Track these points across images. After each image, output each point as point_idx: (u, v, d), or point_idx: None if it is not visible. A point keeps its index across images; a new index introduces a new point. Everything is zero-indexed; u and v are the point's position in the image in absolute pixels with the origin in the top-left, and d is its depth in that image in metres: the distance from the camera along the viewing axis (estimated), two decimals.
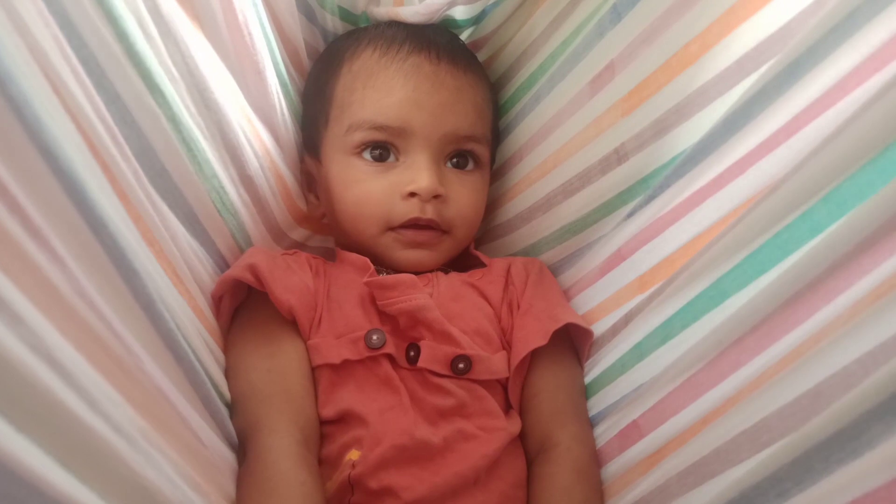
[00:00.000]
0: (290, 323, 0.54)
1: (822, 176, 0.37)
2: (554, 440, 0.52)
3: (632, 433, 0.48)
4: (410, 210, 0.59)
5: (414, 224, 0.59)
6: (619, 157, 0.54)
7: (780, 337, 0.38)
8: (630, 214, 0.54)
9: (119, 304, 0.32)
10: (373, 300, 0.55)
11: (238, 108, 0.54)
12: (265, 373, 0.51)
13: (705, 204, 0.47)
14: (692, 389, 0.44)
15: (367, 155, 0.60)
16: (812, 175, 0.38)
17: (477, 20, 0.68)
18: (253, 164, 0.56)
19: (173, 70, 0.46)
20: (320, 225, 0.68)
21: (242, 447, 0.47)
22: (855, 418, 0.29)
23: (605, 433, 0.52)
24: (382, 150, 0.60)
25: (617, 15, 0.53)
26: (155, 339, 0.36)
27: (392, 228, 0.60)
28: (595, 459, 0.52)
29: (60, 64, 0.33)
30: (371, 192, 0.59)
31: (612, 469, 0.50)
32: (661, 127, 0.50)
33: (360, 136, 0.59)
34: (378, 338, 0.52)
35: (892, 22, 0.34)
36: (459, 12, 0.66)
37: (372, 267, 0.57)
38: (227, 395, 0.50)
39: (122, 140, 0.40)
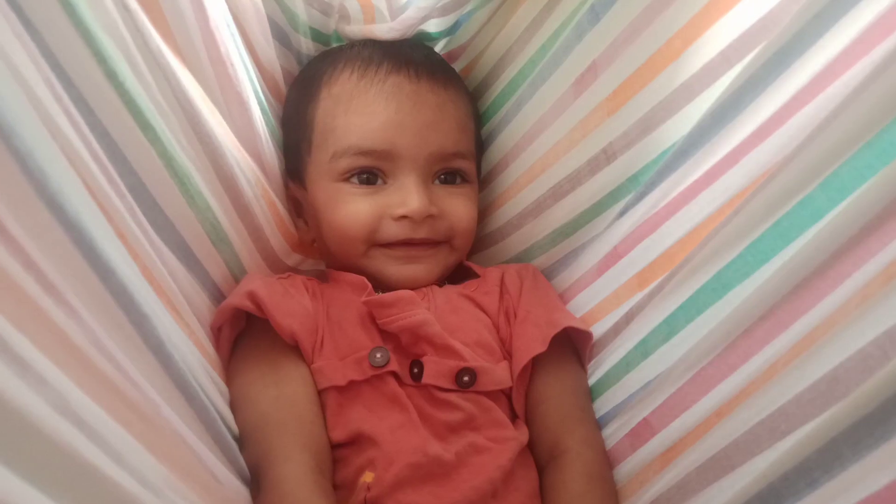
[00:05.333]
0: (293, 348, 0.53)
1: (818, 162, 0.37)
2: (563, 446, 0.52)
3: (643, 431, 0.48)
4: (401, 231, 0.58)
5: (406, 242, 0.59)
6: (607, 156, 0.54)
7: (789, 325, 0.38)
8: (622, 212, 0.54)
9: (132, 351, 0.31)
10: (373, 318, 0.54)
11: (229, 139, 0.53)
12: (273, 401, 0.50)
13: (700, 197, 0.47)
14: (703, 383, 0.44)
15: (354, 180, 0.59)
16: (808, 161, 0.38)
17: (451, 31, 0.68)
18: (247, 194, 0.55)
19: (164, 105, 0.46)
20: (312, 249, 0.67)
21: (255, 480, 0.46)
22: (881, 402, 0.29)
23: (615, 433, 0.51)
24: (370, 174, 0.59)
25: (595, 15, 0.53)
26: (167, 382, 0.35)
27: (380, 245, 0.59)
28: (606, 462, 0.51)
29: (53, 106, 0.32)
30: (358, 211, 0.58)
31: (625, 469, 0.50)
32: (648, 124, 0.50)
33: (345, 163, 0.59)
34: (382, 356, 0.52)
35: (877, 5, 0.34)
36: (433, 25, 0.66)
37: (370, 285, 0.56)
38: (235, 428, 0.49)
39: (116, 177, 0.39)
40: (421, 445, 0.48)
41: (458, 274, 0.64)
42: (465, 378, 0.52)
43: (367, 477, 0.48)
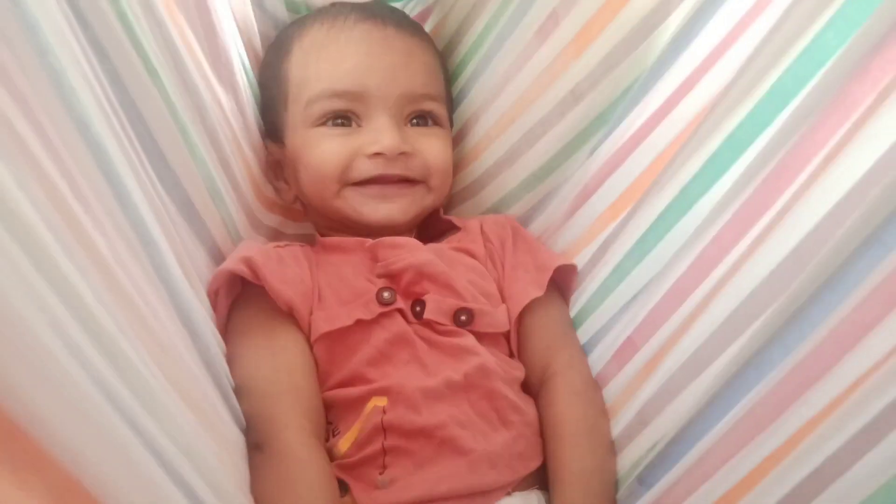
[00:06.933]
0: (288, 316, 0.54)
1: (758, 76, 0.41)
2: (550, 371, 0.55)
3: (627, 350, 0.51)
4: (374, 168, 0.60)
5: (379, 180, 0.60)
6: (574, 97, 0.57)
7: (749, 227, 0.42)
8: (592, 152, 0.57)
9: (147, 278, 0.35)
10: (370, 271, 0.56)
11: (211, 92, 0.54)
12: (271, 372, 0.51)
13: (661, 126, 0.50)
14: (678, 295, 0.46)
15: (329, 124, 0.61)
16: (751, 78, 0.41)
17: None
18: (227, 147, 0.56)
19: (159, 53, 0.46)
20: (292, 211, 0.69)
21: (255, 442, 0.48)
22: None
23: (601, 356, 0.54)
24: (344, 118, 0.61)
25: None
26: (174, 315, 0.38)
27: (353, 184, 0.60)
28: (590, 380, 0.55)
29: (74, 44, 0.34)
30: (332, 150, 0.60)
31: (614, 387, 0.53)
32: (611, 63, 0.54)
33: (319, 108, 0.61)
34: (389, 295, 0.54)
35: None
36: None
37: (368, 240, 0.58)
38: (232, 380, 0.50)
39: (127, 125, 0.40)
40: (431, 370, 0.51)
41: (437, 229, 0.66)
42: (463, 317, 0.54)
43: (380, 401, 0.50)
